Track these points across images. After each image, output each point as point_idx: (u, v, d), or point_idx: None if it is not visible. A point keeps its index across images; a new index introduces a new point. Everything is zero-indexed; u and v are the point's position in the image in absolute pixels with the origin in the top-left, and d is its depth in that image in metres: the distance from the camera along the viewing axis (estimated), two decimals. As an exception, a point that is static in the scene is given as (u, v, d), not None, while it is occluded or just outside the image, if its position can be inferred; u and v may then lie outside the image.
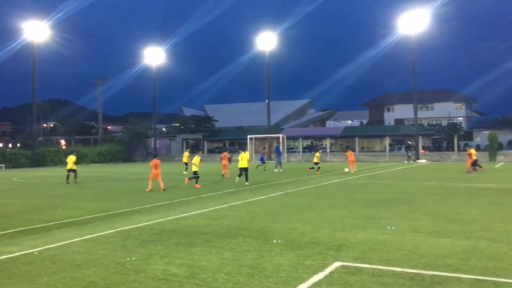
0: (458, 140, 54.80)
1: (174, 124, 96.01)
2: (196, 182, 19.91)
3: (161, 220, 10.70)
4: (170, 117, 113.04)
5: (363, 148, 75.82)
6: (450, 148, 58.60)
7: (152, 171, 18.08)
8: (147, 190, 17.69)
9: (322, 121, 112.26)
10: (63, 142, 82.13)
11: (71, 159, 23.40)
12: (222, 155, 27.13)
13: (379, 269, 6.26)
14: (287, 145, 62.23)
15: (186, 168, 31.05)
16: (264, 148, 60.32)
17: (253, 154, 55.92)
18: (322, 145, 77.65)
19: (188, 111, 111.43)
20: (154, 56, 63.21)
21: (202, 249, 7.59)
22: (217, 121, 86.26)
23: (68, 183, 22.58)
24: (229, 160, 26.68)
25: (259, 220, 10.40)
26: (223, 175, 25.50)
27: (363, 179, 23.08)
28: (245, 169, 20.78)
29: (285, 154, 52.54)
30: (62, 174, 32.12)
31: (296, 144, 70.11)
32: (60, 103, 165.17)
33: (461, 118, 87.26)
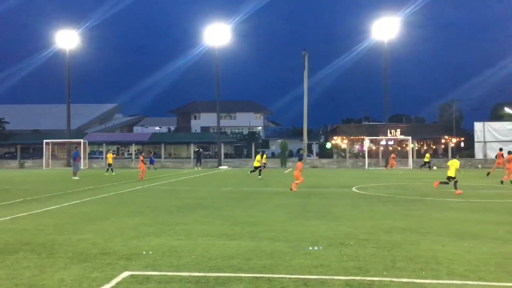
0: (256, 147, 59.51)
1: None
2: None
3: None
4: None
5: (170, 155, 76.50)
6: (249, 155, 63.17)
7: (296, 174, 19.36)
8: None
9: (129, 127, 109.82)
10: None
11: None
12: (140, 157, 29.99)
13: (167, 275, 6.31)
14: (90, 151, 59.21)
15: (112, 169, 34.83)
16: (151, 152, 56.48)
17: (50, 161, 51.69)
18: (128, 151, 75.79)
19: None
20: None
21: (-32, 270, 6.58)
22: (8, 123, 77.00)
23: None
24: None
25: (45, 233, 9.53)
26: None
27: (166, 186, 23.20)
28: (258, 167, 28.87)
29: (87, 160, 49.79)
30: None
31: (101, 149, 67.10)
32: None
33: (260, 128, 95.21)
